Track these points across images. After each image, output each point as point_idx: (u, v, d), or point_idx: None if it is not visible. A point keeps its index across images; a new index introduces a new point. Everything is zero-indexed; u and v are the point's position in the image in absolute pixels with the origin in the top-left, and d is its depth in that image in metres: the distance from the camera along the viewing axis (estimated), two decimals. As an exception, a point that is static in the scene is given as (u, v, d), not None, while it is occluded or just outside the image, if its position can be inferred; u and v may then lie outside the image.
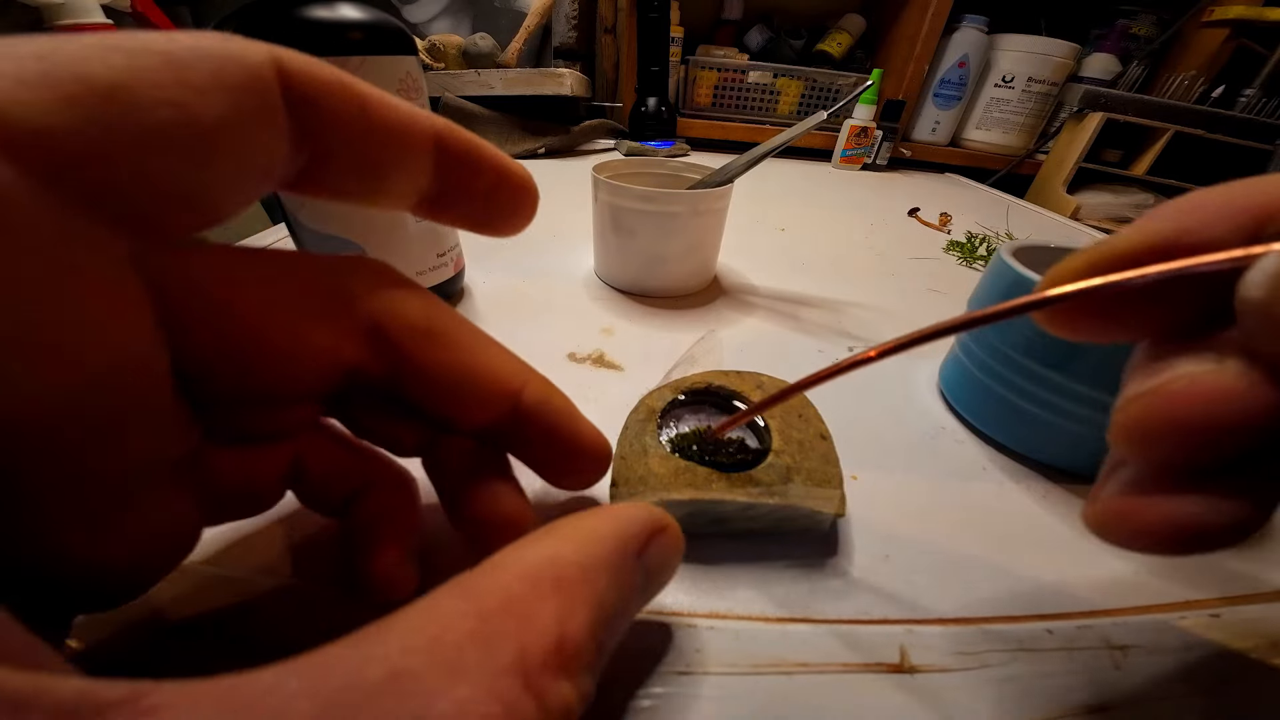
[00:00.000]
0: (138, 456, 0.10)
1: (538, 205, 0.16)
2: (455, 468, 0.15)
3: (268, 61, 0.10)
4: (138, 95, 0.08)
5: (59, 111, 0.08)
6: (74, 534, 0.10)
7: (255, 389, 0.12)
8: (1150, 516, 0.10)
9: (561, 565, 0.10)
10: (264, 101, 0.10)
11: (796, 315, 0.36)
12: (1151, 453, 0.10)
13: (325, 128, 0.11)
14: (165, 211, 0.10)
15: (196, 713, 0.06)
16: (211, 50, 0.10)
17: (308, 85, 0.11)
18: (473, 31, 0.86)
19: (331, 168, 0.12)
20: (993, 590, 0.18)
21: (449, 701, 0.07)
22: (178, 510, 0.12)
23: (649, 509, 0.12)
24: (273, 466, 0.14)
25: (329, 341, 0.12)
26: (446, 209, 0.14)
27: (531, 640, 0.08)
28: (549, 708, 0.08)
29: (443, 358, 0.14)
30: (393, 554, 0.14)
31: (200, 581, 0.15)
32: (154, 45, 0.09)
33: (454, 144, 0.13)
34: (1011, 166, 0.95)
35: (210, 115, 0.09)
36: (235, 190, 0.11)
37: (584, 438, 0.15)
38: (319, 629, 0.15)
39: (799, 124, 0.33)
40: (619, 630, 0.11)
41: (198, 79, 0.09)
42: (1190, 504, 0.10)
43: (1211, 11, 0.85)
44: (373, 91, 0.12)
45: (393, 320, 0.13)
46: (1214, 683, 0.16)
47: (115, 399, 0.09)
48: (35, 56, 0.08)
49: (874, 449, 0.24)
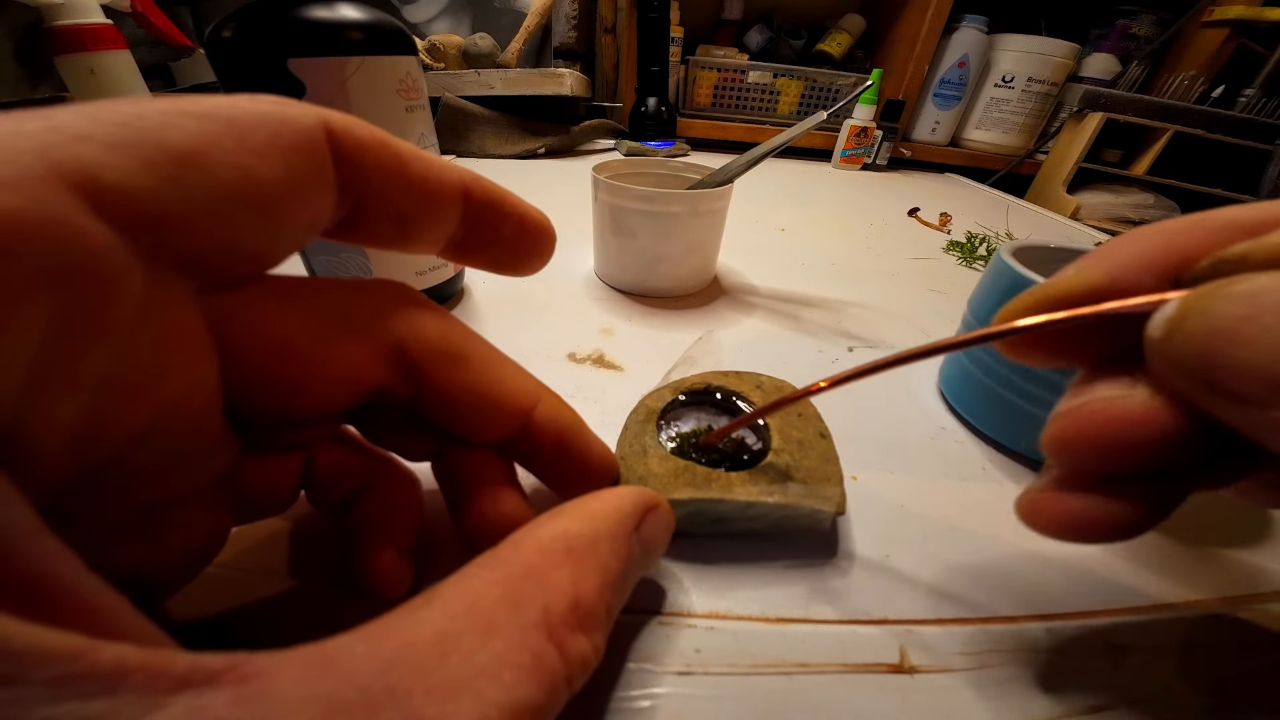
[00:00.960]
0: (192, 476, 0.12)
1: (555, 247, 0.16)
2: (464, 476, 0.15)
3: (318, 124, 0.11)
4: (207, 159, 0.09)
5: (141, 174, 0.09)
6: (131, 547, 0.11)
7: (291, 410, 0.13)
8: (1056, 509, 0.12)
9: (571, 538, 0.11)
10: (315, 162, 0.11)
11: (796, 315, 0.36)
12: (1070, 460, 0.12)
13: (367, 182, 0.12)
14: (227, 260, 0.11)
15: (287, 672, 0.07)
16: (269, 115, 0.10)
17: (352, 144, 0.12)
18: (473, 31, 0.86)
19: (370, 218, 0.13)
20: (993, 590, 0.18)
21: (487, 654, 0.09)
22: (216, 518, 0.13)
23: (642, 491, 0.14)
24: (292, 472, 0.15)
25: (357, 364, 0.13)
26: (472, 253, 0.15)
27: (552, 600, 0.10)
28: (569, 658, 0.10)
29: (460, 378, 0.14)
30: (386, 553, 0.14)
31: (200, 581, 0.15)
32: (220, 111, 0.10)
33: (480, 194, 0.14)
34: (1011, 166, 0.95)
35: (269, 176, 0.10)
36: (287, 241, 0.12)
37: (592, 454, 0.16)
38: (319, 628, 0.15)
39: (799, 124, 0.33)
40: (622, 596, 0.12)
41: (257, 143, 0.10)
42: (1089, 502, 0.12)
43: (1211, 11, 0.85)
44: (408, 147, 0.13)
45: (414, 342, 0.14)
46: (1214, 683, 0.16)
47: (181, 426, 0.10)
48: (118, 123, 0.09)
49: (874, 449, 0.24)
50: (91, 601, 0.07)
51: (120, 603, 0.07)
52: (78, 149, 0.08)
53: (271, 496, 0.14)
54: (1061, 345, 0.13)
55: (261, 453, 0.14)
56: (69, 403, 0.08)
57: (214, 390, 0.11)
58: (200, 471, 0.12)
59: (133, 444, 0.10)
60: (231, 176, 0.10)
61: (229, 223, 0.10)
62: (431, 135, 0.29)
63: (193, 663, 0.07)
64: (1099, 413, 0.12)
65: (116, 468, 0.10)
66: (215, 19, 0.22)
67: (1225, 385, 0.09)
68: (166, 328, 0.10)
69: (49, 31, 0.50)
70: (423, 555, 0.16)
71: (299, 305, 0.13)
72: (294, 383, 0.13)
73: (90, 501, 0.10)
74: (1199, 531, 0.20)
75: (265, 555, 0.17)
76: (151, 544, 0.11)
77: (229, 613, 0.15)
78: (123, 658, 0.06)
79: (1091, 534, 0.12)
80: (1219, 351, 0.09)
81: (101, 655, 0.06)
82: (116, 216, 0.08)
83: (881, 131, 0.87)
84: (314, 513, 0.16)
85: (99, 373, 0.08)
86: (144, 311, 0.09)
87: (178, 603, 0.15)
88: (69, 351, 0.08)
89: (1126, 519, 0.12)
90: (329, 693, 0.07)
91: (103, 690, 0.06)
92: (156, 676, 0.06)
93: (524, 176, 0.66)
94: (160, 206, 0.09)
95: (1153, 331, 0.11)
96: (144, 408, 0.09)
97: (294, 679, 0.07)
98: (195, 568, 0.13)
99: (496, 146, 0.74)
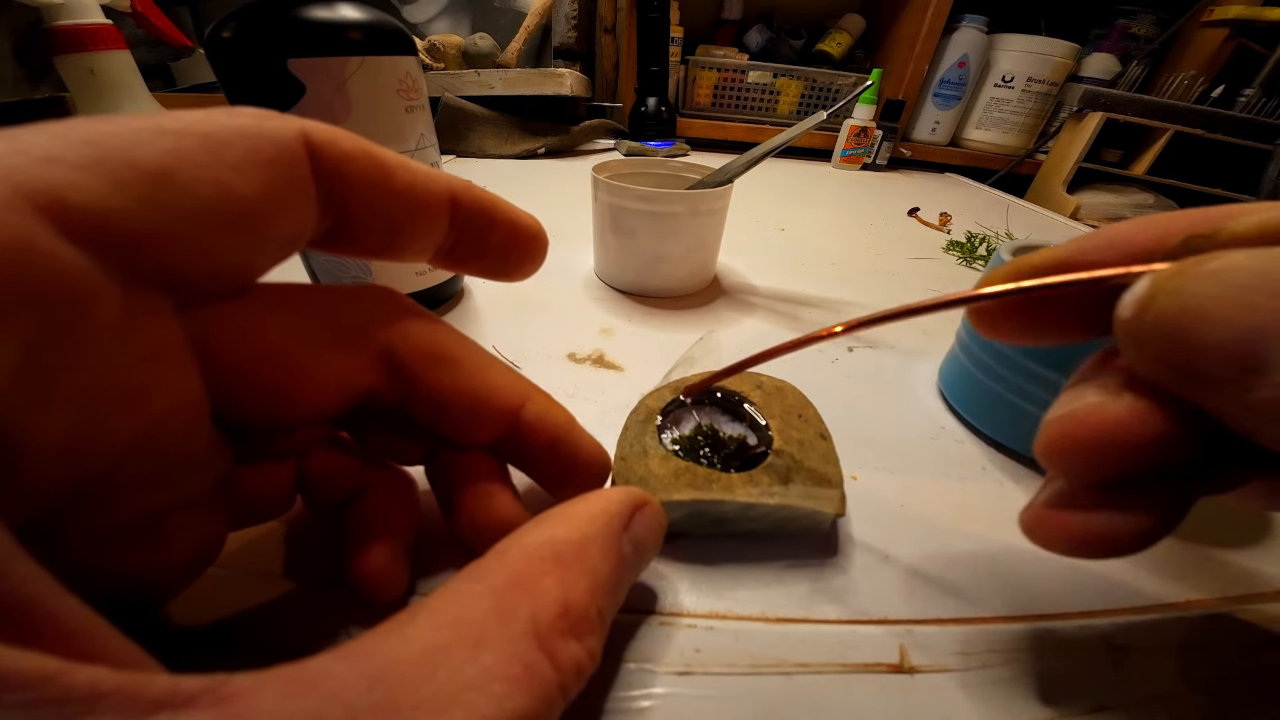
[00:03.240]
0: (185, 484, 0.12)
1: (547, 252, 0.16)
2: (455, 476, 0.15)
3: (297, 137, 0.11)
4: (181, 175, 0.09)
5: (111, 193, 0.08)
6: (130, 554, 0.11)
7: (280, 416, 0.13)
8: (1061, 527, 0.12)
9: (558, 543, 0.11)
10: (294, 174, 0.11)
11: (796, 315, 0.36)
12: (1065, 468, 0.12)
13: (350, 194, 0.12)
14: (207, 276, 0.11)
15: (267, 693, 0.07)
16: (246, 129, 0.10)
17: (334, 155, 0.12)
18: (473, 31, 0.86)
19: (356, 229, 0.13)
20: (993, 590, 0.18)
21: (476, 667, 0.08)
22: (213, 524, 0.13)
23: (630, 490, 0.14)
24: (286, 477, 0.15)
25: (346, 369, 0.13)
26: (463, 260, 0.15)
27: (540, 608, 0.10)
28: (562, 665, 0.09)
29: (446, 379, 0.14)
30: (379, 556, 0.14)
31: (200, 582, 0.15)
32: (195, 127, 0.10)
33: (469, 202, 0.14)
34: (1011, 166, 0.95)
35: (246, 191, 0.10)
36: (269, 254, 0.12)
37: (583, 451, 0.16)
38: (318, 629, 0.15)
39: (799, 124, 0.33)
40: (616, 599, 0.12)
41: (234, 157, 0.10)
42: (1094, 518, 0.12)
43: (1211, 11, 0.85)
44: (393, 156, 0.13)
45: (401, 344, 0.14)
46: (1214, 683, 0.16)
47: (169, 438, 0.10)
48: (86, 142, 0.08)
49: (874, 449, 0.24)
50: (68, 623, 0.07)
51: (98, 623, 0.07)
52: (44, 171, 0.08)
53: (267, 501, 0.14)
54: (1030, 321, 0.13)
55: (255, 460, 0.14)
56: (53, 420, 0.08)
57: (199, 402, 0.11)
58: (193, 480, 0.12)
59: (122, 456, 0.10)
60: (207, 192, 0.09)
61: (206, 238, 0.10)
62: (431, 135, 0.29)
63: (171, 685, 0.07)
64: (1088, 419, 0.11)
65: (108, 479, 0.10)
66: (215, 19, 0.22)
67: (1198, 367, 0.09)
68: (147, 344, 0.10)
69: (49, 31, 0.49)
70: (422, 558, 0.16)
71: (286, 313, 0.13)
72: (282, 390, 0.13)
73: (86, 512, 0.10)
74: (1199, 531, 0.20)
75: (265, 555, 0.17)
76: (150, 551, 0.11)
77: (228, 613, 0.15)
78: (98, 680, 0.06)
79: (1099, 549, 0.12)
80: (1191, 331, 0.09)
81: (76, 678, 0.06)
82: (86, 237, 0.08)
83: (881, 131, 0.87)
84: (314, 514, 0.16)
85: (80, 390, 0.08)
86: (122, 329, 0.09)
87: (178, 604, 0.15)
88: (46, 371, 0.08)
89: (1132, 532, 0.11)
90: (312, 712, 0.07)
91: (77, 713, 0.06)
92: (133, 699, 0.06)
93: (524, 176, 0.66)
94: (133, 225, 0.09)
95: (1122, 311, 0.10)
96: (129, 421, 0.09)
97: (275, 700, 0.07)
98: (193, 572, 0.13)
99: (496, 146, 0.74)
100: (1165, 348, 0.10)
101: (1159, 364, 0.10)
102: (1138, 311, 0.10)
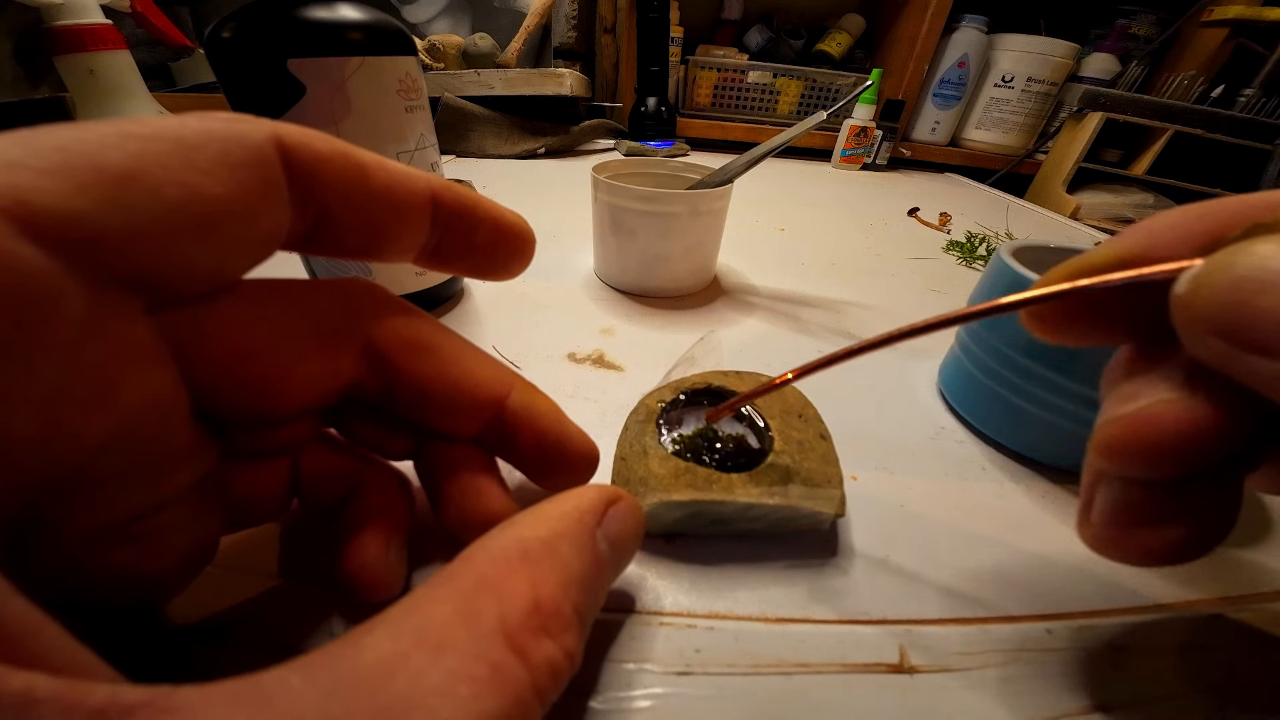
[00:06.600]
0: (169, 480, 0.11)
1: (534, 250, 0.16)
2: (442, 469, 0.15)
3: (268, 139, 0.11)
4: (149, 178, 0.09)
5: (75, 196, 0.09)
6: (122, 551, 0.11)
7: (264, 412, 0.13)
8: (1134, 544, 0.12)
9: (525, 542, 0.11)
10: (266, 176, 0.11)
11: (796, 315, 0.36)
12: (1124, 469, 0.12)
13: (327, 195, 0.12)
14: (179, 277, 0.11)
15: (213, 708, 0.07)
16: (217, 132, 0.10)
17: (309, 158, 0.12)
18: (473, 31, 0.86)
19: (335, 230, 0.13)
20: (993, 590, 0.18)
21: (440, 672, 0.08)
22: (203, 524, 0.13)
23: (602, 487, 0.13)
24: (279, 477, 0.15)
25: (328, 363, 0.13)
26: (446, 260, 0.15)
27: (509, 607, 0.09)
28: (534, 664, 0.09)
29: (428, 368, 0.14)
30: (372, 554, 0.14)
31: (199, 582, 0.15)
32: (165, 131, 0.10)
33: (450, 201, 0.14)
34: (1011, 166, 0.95)
35: (216, 193, 0.10)
36: (243, 256, 0.12)
37: (569, 441, 0.16)
38: (315, 629, 0.15)
39: (799, 124, 0.33)
40: (593, 597, 0.12)
41: (204, 160, 0.10)
42: (1166, 533, 0.12)
43: (1211, 11, 0.85)
44: (370, 157, 0.13)
45: (382, 336, 0.14)
46: (1214, 683, 0.16)
47: (145, 433, 0.10)
48: (55, 148, 0.09)
49: (874, 449, 0.24)
50: (11, 626, 0.07)
51: (47, 627, 0.07)
52: (9, 176, 0.08)
53: (260, 503, 0.14)
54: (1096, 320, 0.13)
55: (246, 459, 0.14)
56: (20, 417, 0.08)
57: (175, 397, 0.11)
58: (175, 475, 0.12)
59: (99, 452, 0.10)
60: (176, 195, 0.10)
61: (176, 240, 0.10)
62: (431, 135, 0.29)
63: (110, 695, 0.06)
64: (1147, 421, 0.11)
65: (86, 475, 0.10)
66: (215, 19, 0.22)
67: (1251, 337, 0.09)
68: (115, 343, 0.10)
69: (49, 31, 0.49)
70: (423, 558, 0.16)
71: (268, 307, 0.13)
72: (265, 382, 0.13)
73: (68, 507, 0.10)
74: (1199, 531, 0.20)
75: (263, 555, 0.17)
76: (137, 549, 0.11)
77: (227, 613, 0.15)
78: (32, 687, 0.06)
79: (1178, 558, 0.12)
80: (1245, 302, 0.09)
81: (9, 684, 0.06)
82: (50, 239, 0.08)
83: (881, 131, 0.87)
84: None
85: (46, 388, 0.08)
86: (89, 328, 0.09)
87: (176, 604, 0.15)
88: (11, 368, 0.08)
89: (1206, 536, 0.11)
90: None
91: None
92: (69, 708, 0.06)
93: (524, 176, 0.66)
94: (98, 227, 0.09)
95: (1178, 289, 0.11)
96: (102, 418, 0.09)
97: (221, 714, 0.07)
98: (189, 573, 0.13)
99: (496, 146, 0.74)
100: (1219, 320, 0.10)
101: (1212, 338, 0.10)
102: (1193, 288, 0.10)
